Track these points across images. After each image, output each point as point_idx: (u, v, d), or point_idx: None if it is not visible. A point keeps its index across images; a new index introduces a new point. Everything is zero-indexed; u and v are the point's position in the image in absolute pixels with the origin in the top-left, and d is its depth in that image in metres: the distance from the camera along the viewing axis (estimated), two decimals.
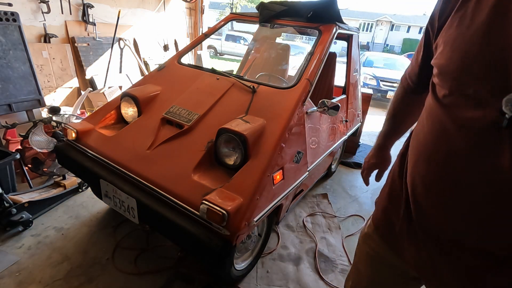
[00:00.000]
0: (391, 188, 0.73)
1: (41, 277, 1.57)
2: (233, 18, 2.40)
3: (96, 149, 1.60)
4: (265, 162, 1.34)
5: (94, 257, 1.73)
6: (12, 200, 1.88)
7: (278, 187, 1.44)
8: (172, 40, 5.41)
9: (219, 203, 1.15)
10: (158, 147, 1.52)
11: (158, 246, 1.85)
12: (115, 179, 1.46)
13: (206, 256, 1.20)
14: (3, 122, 2.48)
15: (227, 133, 1.40)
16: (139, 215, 1.39)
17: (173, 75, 1.99)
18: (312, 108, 1.73)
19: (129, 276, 1.63)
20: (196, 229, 1.20)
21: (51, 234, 1.88)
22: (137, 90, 1.82)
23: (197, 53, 6.03)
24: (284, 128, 1.45)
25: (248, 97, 1.66)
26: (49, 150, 2.29)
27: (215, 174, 1.40)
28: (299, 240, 2.09)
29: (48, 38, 3.45)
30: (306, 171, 1.75)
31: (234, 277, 1.57)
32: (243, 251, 1.62)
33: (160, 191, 1.34)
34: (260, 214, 1.31)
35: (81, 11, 3.74)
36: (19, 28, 2.68)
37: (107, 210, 2.14)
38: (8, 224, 1.82)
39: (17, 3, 3.04)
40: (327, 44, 1.87)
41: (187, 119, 1.59)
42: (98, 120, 1.78)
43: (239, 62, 3.37)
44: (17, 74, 2.67)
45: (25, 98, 2.73)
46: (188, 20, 5.89)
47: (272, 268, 1.82)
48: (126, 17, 4.39)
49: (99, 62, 4.05)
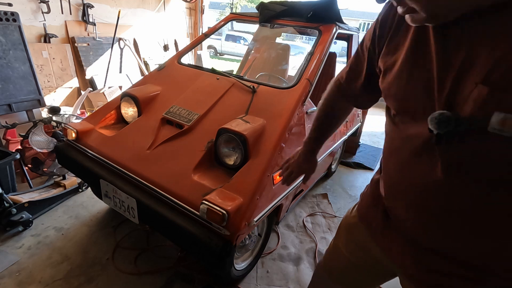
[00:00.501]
0: (373, 187, 0.80)
1: (41, 277, 1.57)
2: (233, 18, 2.40)
3: (96, 149, 1.60)
4: (265, 162, 1.34)
5: (94, 257, 1.73)
6: (12, 200, 1.88)
7: (278, 187, 1.44)
8: (172, 40, 5.41)
9: (219, 203, 1.15)
10: (158, 147, 1.52)
11: (158, 246, 1.85)
12: (115, 179, 1.46)
13: (206, 256, 1.20)
14: (3, 122, 2.48)
15: (227, 133, 1.40)
16: (139, 215, 1.39)
17: (173, 75, 1.99)
18: (312, 108, 1.73)
19: (129, 276, 1.63)
20: (196, 229, 1.20)
21: (51, 234, 1.88)
22: (137, 90, 1.82)
23: (197, 53, 6.03)
24: (284, 128, 1.45)
25: (248, 97, 1.66)
26: (49, 150, 2.29)
27: (215, 174, 1.40)
28: (299, 240, 2.09)
29: (48, 38, 3.45)
30: None
31: (234, 277, 1.57)
32: (243, 251, 1.62)
33: (160, 191, 1.34)
34: (260, 214, 1.31)
35: (81, 11, 3.74)
36: (19, 28, 2.68)
37: (107, 210, 2.14)
38: (8, 224, 1.81)
39: (17, 3, 3.04)
40: (327, 44, 1.87)
41: (187, 119, 1.59)
42: (98, 120, 1.78)
43: (239, 62, 3.37)
44: (17, 74, 2.67)
45: (25, 98, 2.73)
46: (188, 20, 5.89)
47: (272, 268, 1.82)
48: (126, 17, 4.39)
49: (99, 62, 4.05)
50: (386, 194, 0.71)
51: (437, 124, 0.49)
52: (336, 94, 0.88)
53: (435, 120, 0.49)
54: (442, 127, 0.48)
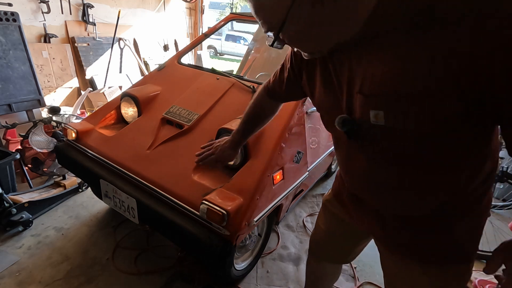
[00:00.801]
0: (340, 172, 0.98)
1: (41, 277, 1.57)
2: (233, 18, 2.40)
3: (96, 149, 1.60)
4: (265, 162, 1.34)
5: (94, 257, 1.73)
6: (12, 200, 1.88)
7: (278, 187, 1.44)
8: (172, 40, 5.41)
9: (219, 203, 1.15)
10: (158, 147, 1.52)
11: (158, 246, 1.85)
12: (115, 179, 1.46)
13: (206, 256, 1.20)
14: (3, 122, 2.48)
15: (227, 133, 1.40)
16: (139, 215, 1.39)
17: (173, 75, 1.99)
18: (312, 108, 1.73)
19: (129, 276, 1.63)
20: (196, 229, 1.20)
21: (51, 234, 1.88)
22: (137, 90, 1.82)
23: (197, 53, 6.03)
24: (284, 128, 1.45)
25: (248, 97, 1.66)
26: (49, 150, 2.29)
27: (215, 174, 1.40)
28: (299, 240, 2.09)
29: (48, 38, 3.45)
30: (306, 171, 1.75)
31: (234, 277, 1.57)
32: (243, 251, 1.62)
33: (160, 191, 1.34)
34: (260, 214, 1.31)
35: (81, 11, 3.74)
36: (19, 28, 2.68)
37: (107, 210, 2.14)
38: (8, 224, 1.81)
39: (17, 3, 3.04)
40: None
41: (187, 119, 1.59)
42: (98, 120, 1.78)
43: (239, 62, 3.37)
44: (17, 74, 2.67)
45: (25, 98, 2.74)
46: (188, 20, 5.89)
47: (272, 268, 1.82)
48: (126, 17, 4.39)
49: (99, 62, 4.05)
50: (344, 179, 0.88)
51: (341, 125, 0.66)
52: (264, 95, 1.03)
53: (339, 123, 0.66)
54: (345, 126, 0.65)
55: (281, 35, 0.62)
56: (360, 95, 0.60)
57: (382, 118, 0.58)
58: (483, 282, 1.68)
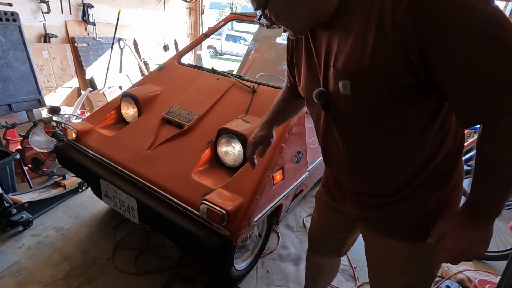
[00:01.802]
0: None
1: (41, 277, 1.57)
2: (233, 18, 2.40)
3: (96, 149, 1.60)
4: (265, 162, 1.34)
5: (94, 257, 1.73)
6: (12, 200, 1.88)
7: (278, 187, 1.44)
8: (172, 40, 5.41)
9: (219, 203, 1.15)
10: (158, 147, 1.52)
11: (158, 246, 1.85)
12: (115, 179, 1.46)
13: (206, 256, 1.20)
14: (3, 122, 2.48)
15: (227, 133, 1.40)
16: (139, 215, 1.39)
17: (173, 75, 1.99)
18: None
19: (129, 276, 1.63)
20: (196, 229, 1.20)
21: (51, 234, 1.88)
22: (137, 90, 1.82)
23: (197, 53, 6.03)
24: (284, 128, 1.45)
25: (248, 97, 1.66)
26: (49, 150, 2.29)
27: (215, 174, 1.40)
28: (299, 240, 2.09)
29: (48, 38, 3.45)
30: (306, 171, 1.75)
31: (234, 277, 1.57)
32: (243, 251, 1.62)
33: (160, 191, 1.34)
34: (260, 214, 1.31)
35: (81, 11, 3.74)
36: (19, 28, 2.68)
37: (107, 210, 2.14)
38: (8, 224, 1.82)
39: (17, 3, 3.04)
40: None
41: (187, 119, 1.59)
42: (98, 120, 1.78)
43: (239, 62, 3.37)
44: (17, 74, 2.67)
45: (25, 98, 2.74)
46: (188, 20, 5.89)
47: (272, 268, 1.82)
48: (126, 17, 4.38)
49: (99, 62, 4.05)
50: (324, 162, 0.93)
51: (318, 96, 0.73)
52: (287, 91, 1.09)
53: (316, 95, 0.73)
54: (321, 99, 0.73)
55: (267, 11, 0.69)
56: (333, 68, 0.68)
57: (348, 87, 0.65)
58: (483, 282, 1.68)
